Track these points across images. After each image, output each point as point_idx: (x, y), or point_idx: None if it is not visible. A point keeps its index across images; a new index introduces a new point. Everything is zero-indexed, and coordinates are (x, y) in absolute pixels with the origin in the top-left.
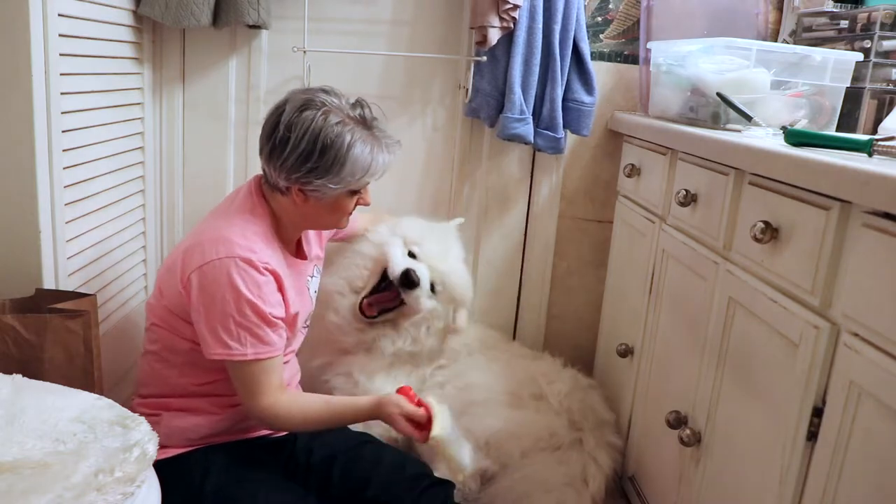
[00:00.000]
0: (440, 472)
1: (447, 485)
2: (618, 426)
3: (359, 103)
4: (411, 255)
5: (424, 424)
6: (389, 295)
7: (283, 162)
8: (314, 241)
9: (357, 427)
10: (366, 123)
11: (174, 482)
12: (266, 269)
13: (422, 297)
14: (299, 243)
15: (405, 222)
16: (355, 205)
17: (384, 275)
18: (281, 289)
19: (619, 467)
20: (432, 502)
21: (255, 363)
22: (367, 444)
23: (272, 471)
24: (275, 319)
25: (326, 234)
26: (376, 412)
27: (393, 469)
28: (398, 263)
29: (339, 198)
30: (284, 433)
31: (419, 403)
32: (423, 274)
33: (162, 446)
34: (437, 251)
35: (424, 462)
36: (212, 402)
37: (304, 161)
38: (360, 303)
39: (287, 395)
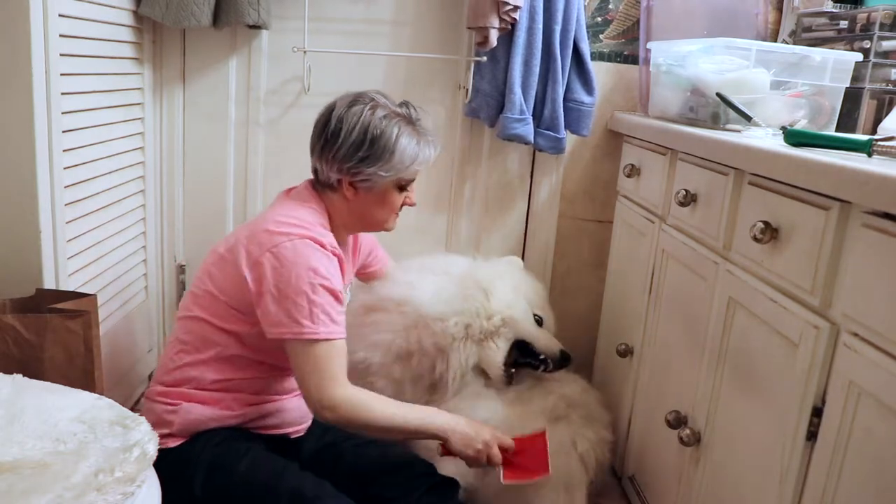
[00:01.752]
0: (445, 470)
1: (453, 483)
2: (617, 426)
3: (405, 104)
4: (536, 319)
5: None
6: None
7: (335, 153)
8: (349, 258)
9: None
10: (410, 120)
11: (173, 474)
12: (334, 252)
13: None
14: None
15: (526, 281)
16: (402, 205)
17: (516, 343)
18: (342, 273)
19: (608, 452)
20: (437, 500)
21: (327, 343)
22: (374, 442)
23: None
24: (341, 299)
25: (360, 260)
26: (455, 434)
27: (398, 466)
28: (551, 342)
29: (388, 192)
30: (296, 435)
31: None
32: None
33: (171, 435)
34: (549, 313)
35: (430, 460)
36: (234, 398)
37: (355, 150)
38: (508, 374)
39: (358, 388)
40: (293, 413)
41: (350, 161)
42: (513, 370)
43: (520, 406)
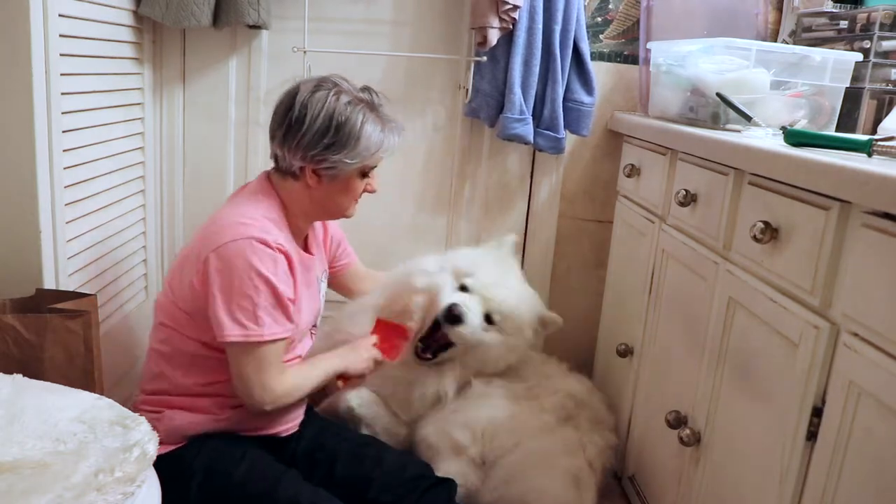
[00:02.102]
0: (442, 471)
1: (449, 484)
2: (618, 426)
3: (366, 89)
4: (463, 288)
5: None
6: (443, 334)
7: (299, 141)
8: (320, 247)
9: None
10: (373, 106)
11: (170, 477)
12: (279, 249)
13: (467, 333)
14: (306, 240)
15: (454, 254)
16: (363, 191)
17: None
18: (291, 270)
19: (613, 458)
20: (434, 503)
21: (270, 345)
22: (369, 445)
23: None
24: (287, 301)
25: (331, 251)
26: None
27: (394, 470)
28: (443, 299)
29: (351, 179)
30: (286, 433)
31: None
32: (474, 308)
33: (160, 443)
34: (493, 278)
35: (426, 462)
36: (215, 402)
37: (320, 137)
38: (416, 347)
39: (287, 371)
40: (280, 412)
41: (315, 148)
42: (422, 347)
43: (527, 403)
